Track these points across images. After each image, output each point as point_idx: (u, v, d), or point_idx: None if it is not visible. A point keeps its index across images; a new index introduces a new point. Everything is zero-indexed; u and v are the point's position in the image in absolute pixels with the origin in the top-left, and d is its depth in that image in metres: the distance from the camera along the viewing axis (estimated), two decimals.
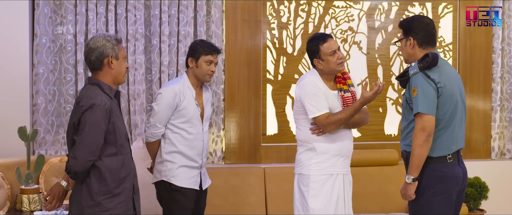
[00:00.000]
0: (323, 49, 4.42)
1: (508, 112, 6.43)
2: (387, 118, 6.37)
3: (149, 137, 4.57)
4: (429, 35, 4.03)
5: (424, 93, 3.83)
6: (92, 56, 3.63)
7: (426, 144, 3.82)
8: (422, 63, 3.89)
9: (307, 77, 4.49)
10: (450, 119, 3.91)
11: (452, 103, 3.91)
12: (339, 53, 4.44)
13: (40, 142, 5.79)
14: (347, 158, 4.52)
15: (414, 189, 3.93)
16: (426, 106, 3.81)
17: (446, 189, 3.90)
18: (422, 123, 3.82)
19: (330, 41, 4.44)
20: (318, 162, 4.43)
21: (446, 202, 3.91)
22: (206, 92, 4.74)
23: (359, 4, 6.27)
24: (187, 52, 4.65)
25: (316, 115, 4.37)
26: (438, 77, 3.87)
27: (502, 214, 6.31)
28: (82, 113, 3.49)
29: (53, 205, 3.71)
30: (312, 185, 4.41)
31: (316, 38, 4.49)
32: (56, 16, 5.81)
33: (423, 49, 4.01)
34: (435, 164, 3.90)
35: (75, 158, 3.47)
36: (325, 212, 4.38)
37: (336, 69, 4.45)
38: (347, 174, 4.53)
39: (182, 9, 5.86)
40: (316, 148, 4.43)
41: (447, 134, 3.91)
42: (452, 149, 3.93)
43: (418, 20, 4.07)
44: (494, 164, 6.40)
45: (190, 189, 4.58)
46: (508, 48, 6.37)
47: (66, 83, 5.78)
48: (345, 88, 4.47)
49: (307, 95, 4.40)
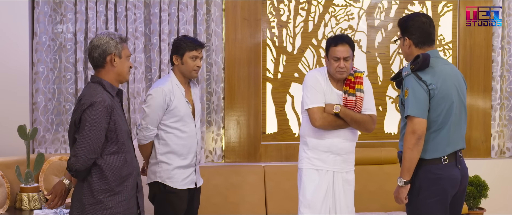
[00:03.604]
0: (331, 51, 4.46)
1: (508, 111, 6.43)
2: (387, 117, 6.38)
3: (141, 139, 4.49)
4: (426, 34, 3.95)
5: (415, 95, 3.79)
6: (95, 53, 3.63)
7: (416, 147, 3.78)
8: (414, 65, 3.84)
9: (312, 71, 4.60)
10: (444, 121, 3.85)
11: (446, 105, 3.85)
12: (343, 63, 4.42)
13: (39, 140, 5.78)
14: (340, 156, 4.53)
15: (406, 192, 3.89)
16: (416, 109, 3.77)
17: (441, 191, 3.85)
18: (413, 126, 3.77)
19: (340, 48, 4.43)
20: (309, 157, 4.53)
21: (441, 204, 3.86)
22: (194, 88, 4.69)
23: (359, 2, 6.27)
24: (171, 50, 4.59)
25: (309, 106, 4.43)
26: (430, 79, 3.81)
27: (501, 212, 6.31)
28: (83, 111, 3.49)
29: (55, 203, 3.71)
30: (304, 178, 4.52)
31: (333, 38, 4.53)
32: (56, 15, 5.81)
33: (419, 48, 3.96)
34: (429, 166, 3.85)
35: (76, 156, 3.48)
36: (313, 207, 4.45)
37: (334, 74, 4.48)
38: (340, 172, 4.54)
39: (182, 8, 5.85)
40: (308, 143, 4.53)
41: (441, 136, 3.85)
42: (447, 151, 3.86)
43: (413, 20, 3.98)
44: (493, 162, 6.41)
45: (184, 190, 4.53)
46: (508, 47, 6.37)
47: (66, 81, 5.77)
48: (351, 91, 4.48)
49: (306, 87, 4.52)
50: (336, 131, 4.48)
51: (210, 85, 6.02)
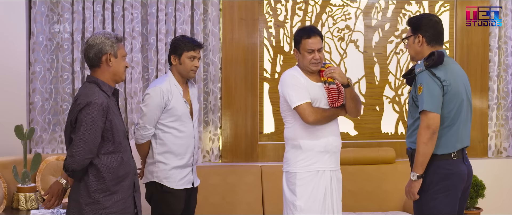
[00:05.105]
0: (303, 43, 4.43)
1: (505, 111, 6.44)
2: (384, 117, 6.38)
3: (139, 139, 4.49)
4: (438, 33, 4.06)
5: (430, 91, 3.85)
6: (90, 53, 3.63)
7: (431, 142, 3.84)
8: (428, 61, 3.91)
9: (287, 72, 4.55)
10: (455, 117, 3.94)
11: (457, 101, 3.93)
12: (318, 55, 4.42)
13: (37, 140, 5.78)
14: (334, 155, 4.51)
15: (418, 186, 3.94)
16: (431, 104, 3.83)
17: (451, 186, 3.92)
18: (427, 120, 3.84)
19: (313, 39, 4.42)
20: (303, 159, 4.44)
21: (450, 199, 3.93)
22: (192, 88, 4.69)
23: (356, 2, 6.27)
24: (169, 50, 4.59)
25: (297, 104, 4.37)
26: (443, 75, 3.89)
27: (498, 212, 6.31)
28: (79, 111, 3.49)
29: (52, 203, 3.71)
30: (299, 182, 4.42)
31: (304, 30, 4.51)
32: (53, 15, 5.81)
33: (431, 47, 4.04)
34: (440, 162, 3.92)
35: (72, 156, 3.47)
36: (312, 209, 4.39)
37: (309, 67, 4.46)
38: (335, 171, 4.52)
39: (179, 8, 5.85)
40: (301, 145, 4.44)
41: (452, 132, 3.93)
42: (456, 147, 3.95)
43: (428, 18, 4.09)
44: (490, 162, 6.41)
45: (181, 190, 4.53)
46: (505, 47, 6.38)
47: (63, 81, 5.77)
48: (330, 80, 4.47)
49: (288, 86, 4.43)
50: (328, 128, 4.45)
51: (207, 85, 6.02)
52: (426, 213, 3.97)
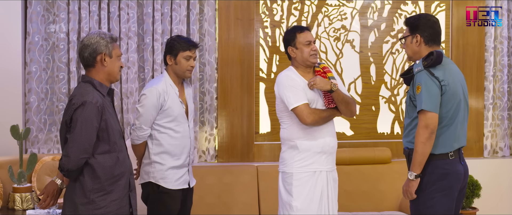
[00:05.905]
0: (299, 38, 4.47)
1: (501, 111, 6.44)
2: (380, 117, 6.38)
3: (135, 139, 4.48)
4: (435, 34, 4.07)
5: (428, 90, 3.86)
6: (85, 53, 3.63)
7: (429, 141, 3.85)
8: (427, 61, 3.93)
9: (283, 73, 4.54)
10: (453, 117, 3.95)
11: (455, 101, 3.95)
12: (314, 46, 4.48)
13: (32, 140, 5.77)
14: (331, 155, 4.51)
15: (416, 185, 3.95)
16: (429, 104, 3.85)
17: (448, 186, 3.93)
18: (426, 120, 3.85)
19: (307, 32, 4.50)
20: (300, 160, 4.44)
21: (447, 198, 3.94)
22: (187, 88, 4.69)
23: (352, 2, 6.28)
24: (165, 50, 4.58)
25: (294, 105, 4.37)
26: (442, 75, 3.90)
27: (494, 212, 6.32)
28: (74, 110, 3.49)
29: (47, 203, 3.71)
30: (295, 183, 4.42)
31: (294, 28, 4.57)
32: (49, 15, 5.80)
33: (428, 47, 4.05)
34: (437, 161, 3.93)
35: (67, 156, 3.47)
36: (309, 210, 4.39)
37: (309, 60, 4.47)
38: (331, 171, 4.53)
39: (175, 8, 5.85)
40: (298, 146, 4.44)
41: (450, 132, 3.95)
42: (454, 146, 3.96)
43: (426, 18, 4.11)
44: (486, 162, 6.42)
45: (178, 190, 4.52)
46: (501, 47, 6.38)
47: (58, 81, 5.76)
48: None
49: (284, 88, 4.43)
50: (325, 129, 4.46)
51: (203, 85, 6.02)
52: (423, 213, 3.97)
